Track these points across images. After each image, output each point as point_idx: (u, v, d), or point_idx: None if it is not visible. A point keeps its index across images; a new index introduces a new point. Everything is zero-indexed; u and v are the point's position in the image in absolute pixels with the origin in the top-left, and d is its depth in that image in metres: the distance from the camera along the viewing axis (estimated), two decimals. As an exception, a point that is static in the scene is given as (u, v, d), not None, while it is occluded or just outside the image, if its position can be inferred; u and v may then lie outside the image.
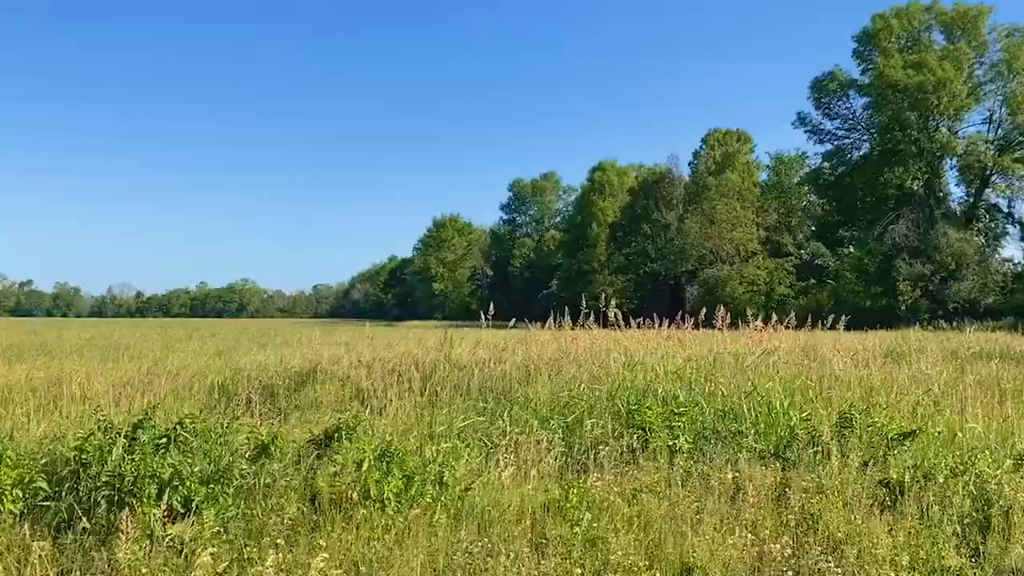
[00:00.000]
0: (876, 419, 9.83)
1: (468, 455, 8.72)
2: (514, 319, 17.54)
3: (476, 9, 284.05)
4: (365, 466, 7.47)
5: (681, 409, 10.18)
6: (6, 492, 6.48)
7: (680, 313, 16.54)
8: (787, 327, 15.71)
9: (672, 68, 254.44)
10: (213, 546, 5.78)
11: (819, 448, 9.30)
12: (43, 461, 7.11)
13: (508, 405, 11.28)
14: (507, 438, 9.48)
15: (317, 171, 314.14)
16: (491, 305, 13.96)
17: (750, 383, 11.66)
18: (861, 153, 78.06)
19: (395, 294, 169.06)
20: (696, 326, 15.88)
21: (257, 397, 12.37)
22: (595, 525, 7.11)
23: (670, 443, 9.48)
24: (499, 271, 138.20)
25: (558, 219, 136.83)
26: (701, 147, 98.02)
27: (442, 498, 7.53)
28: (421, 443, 8.67)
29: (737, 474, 8.58)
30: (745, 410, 10.76)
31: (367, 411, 10.79)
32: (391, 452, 7.72)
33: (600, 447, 9.50)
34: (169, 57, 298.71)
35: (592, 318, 15.40)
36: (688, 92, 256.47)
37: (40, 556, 5.68)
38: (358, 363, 14.77)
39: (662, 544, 6.84)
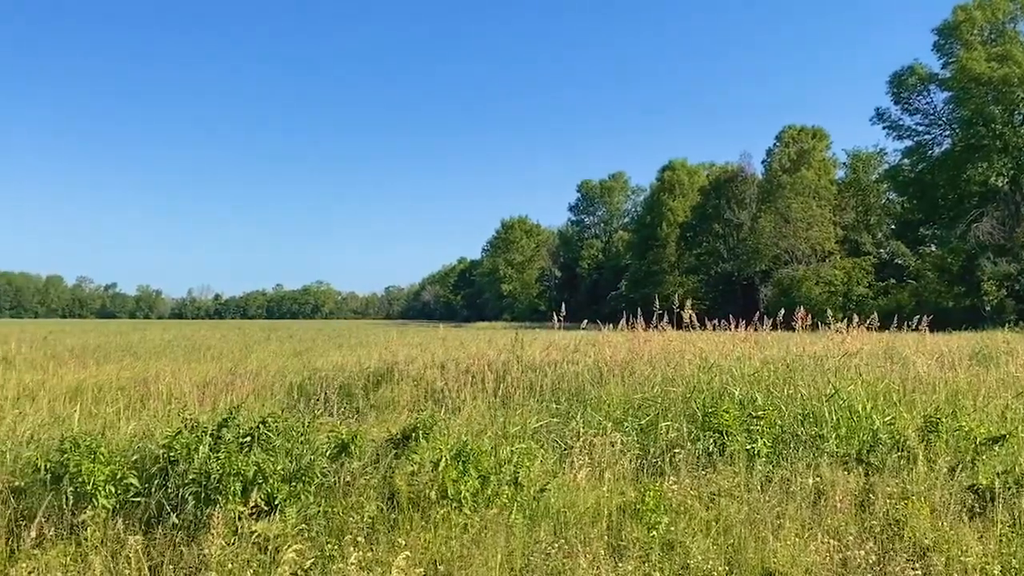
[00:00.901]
0: (963, 423, 9.50)
1: (542, 456, 8.72)
2: (586, 320, 17.44)
3: (545, 11, 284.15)
4: (442, 465, 7.55)
5: (759, 412, 9.99)
6: (100, 488, 6.71)
7: (759, 314, 16.23)
8: (869, 328, 15.30)
9: (743, 66, 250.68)
10: (297, 543, 5.90)
11: (904, 453, 9.04)
12: (134, 458, 7.34)
13: (581, 406, 11.25)
14: (581, 439, 9.45)
15: (389, 174, 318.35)
16: (563, 306, 13.91)
17: (831, 386, 11.39)
18: (942, 149, 75.20)
19: (464, 295, 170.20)
20: (775, 327, 15.58)
21: (335, 397, 12.63)
22: (673, 529, 7.05)
23: (748, 447, 9.32)
24: (567, 272, 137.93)
25: (626, 219, 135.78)
26: (775, 144, 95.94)
27: (518, 498, 7.54)
28: (496, 443, 8.71)
29: (818, 479, 8.40)
30: (826, 413, 10.52)
31: (442, 411, 10.89)
32: (467, 452, 7.77)
33: (676, 450, 9.39)
34: (246, 63, 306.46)
35: (666, 319, 15.23)
36: (760, 89, 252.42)
37: (136, 550, 5.88)
38: (431, 364, 14.93)
39: (742, 549, 6.73)
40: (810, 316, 14.80)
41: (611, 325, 16.29)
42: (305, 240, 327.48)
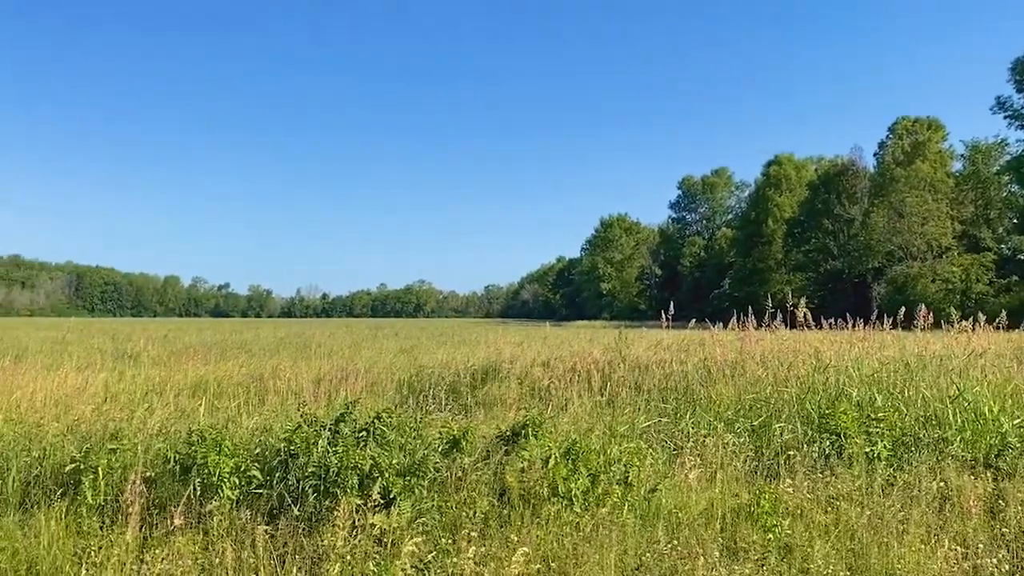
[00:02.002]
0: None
1: (652, 456, 8.63)
2: (693, 319, 17.16)
3: (647, 14, 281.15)
4: (551, 463, 7.56)
5: (879, 414, 9.63)
6: (225, 479, 6.99)
7: (877, 312, 15.63)
8: (996, 327, 14.53)
9: (853, 56, 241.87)
10: (413, 536, 6.00)
11: (1037, 458, 8.56)
12: (256, 451, 7.61)
13: (690, 406, 11.08)
14: (691, 440, 9.30)
15: (489, 175, 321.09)
16: (671, 305, 13.70)
17: (954, 387, 10.88)
18: (1070, 138, 70.86)
19: (563, 294, 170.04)
20: (895, 326, 14.96)
21: (441, 393, 12.81)
22: (791, 532, 6.87)
23: (867, 450, 9.00)
24: (668, 270, 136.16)
25: (730, 216, 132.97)
26: (887, 136, 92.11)
27: (628, 498, 7.50)
28: (604, 442, 8.66)
29: (943, 484, 8.04)
30: (950, 416, 10.06)
31: (548, 409, 10.90)
32: (576, 450, 7.76)
33: (790, 452, 9.16)
34: (354, 70, 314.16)
35: (779, 318, 14.83)
36: (871, 80, 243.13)
37: (264, 540, 6.09)
38: (536, 362, 14.96)
39: (864, 554, 6.51)
40: (931, 314, 14.13)
41: (720, 324, 15.95)
42: (408, 240, 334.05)
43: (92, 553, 6.00)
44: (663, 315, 13.72)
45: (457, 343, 29.91)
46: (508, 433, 8.28)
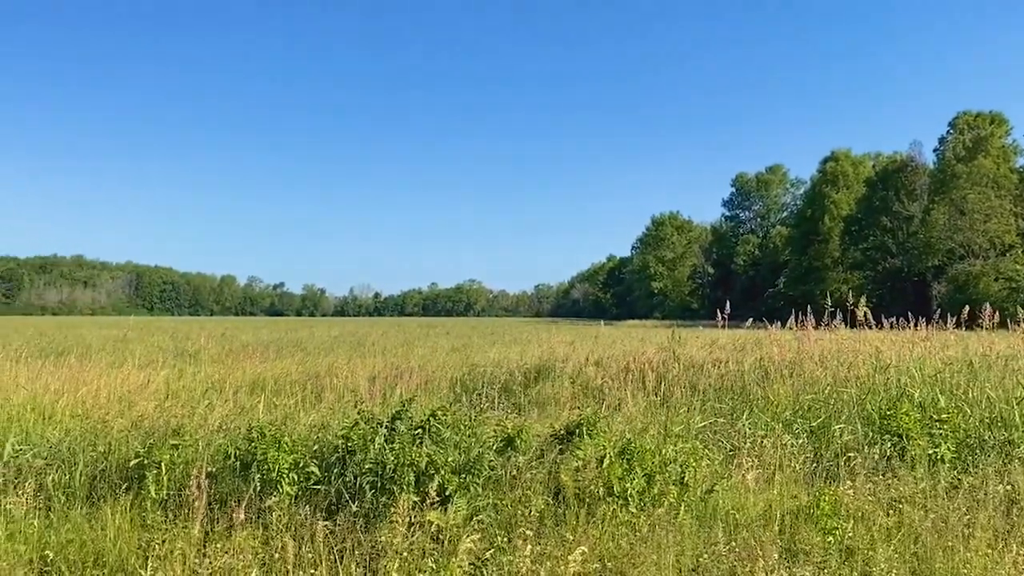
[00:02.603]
0: None
1: (708, 456, 8.53)
2: (751, 319, 16.92)
3: (702, 12, 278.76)
4: (606, 463, 7.52)
5: (942, 416, 9.40)
6: (284, 475, 7.09)
7: (939, 312, 15.24)
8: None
9: (911, 50, 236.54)
10: (470, 533, 6.01)
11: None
12: (314, 448, 7.71)
13: (746, 407, 10.94)
14: (749, 440, 9.18)
15: (540, 174, 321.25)
16: (727, 304, 13.51)
17: (1021, 388, 10.56)
18: None
19: (614, 293, 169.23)
20: (957, 325, 14.58)
21: (494, 392, 12.84)
22: (852, 535, 6.73)
23: (930, 452, 8.79)
24: (720, 269, 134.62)
25: (785, 214, 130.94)
26: (948, 132, 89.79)
27: (685, 498, 7.42)
28: (659, 442, 8.59)
29: (1010, 487, 7.82)
30: (1016, 417, 9.77)
31: (602, 408, 10.85)
32: (631, 450, 7.70)
33: (850, 453, 8.99)
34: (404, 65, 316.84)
35: (839, 317, 14.56)
36: (931, 74, 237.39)
37: (324, 535, 6.17)
38: (588, 361, 14.91)
39: (929, 558, 6.35)
40: (996, 313, 13.73)
41: (778, 323, 15.70)
42: (458, 240, 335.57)
43: (156, 546, 6.13)
44: (718, 314, 13.54)
45: (508, 342, 29.96)
46: (562, 432, 8.26)
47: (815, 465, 9.03)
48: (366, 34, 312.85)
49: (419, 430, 7.69)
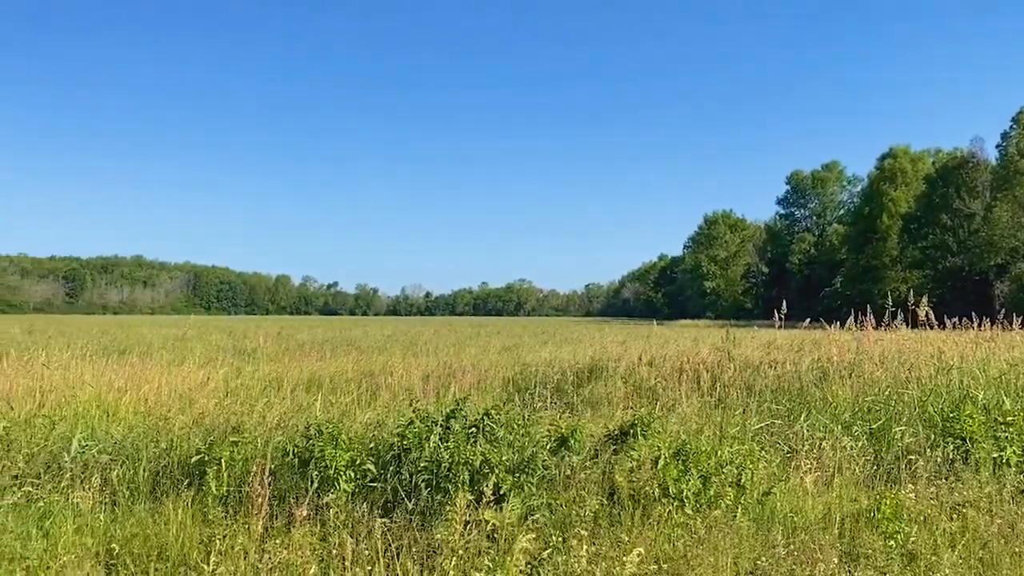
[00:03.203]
0: None
1: (765, 458, 8.41)
2: (808, 319, 16.63)
3: (752, 6, 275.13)
4: (661, 463, 7.46)
5: (1007, 418, 9.14)
6: (341, 472, 7.18)
7: (1003, 311, 14.82)
8: None
9: (973, 43, 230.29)
10: (525, 532, 6.01)
11: None
12: (370, 446, 7.79)
13: (804, 408, 10.76)
14: (807, 443, 9.03)
15: (590, 172, 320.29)
16: (780, 304, 13.30)
17: (1092, 391, 10.23)
18: None
19: (665, 293, 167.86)
20: None
21: (546, 391, 12.83)
22: (914, 539, 6.58)
23: (995, 455, 8.56)
24: (775, 268, 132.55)
25: (841, 212, 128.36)
26: (1011, 127, 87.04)
27: (741, 500, 7.34)
28: (715, 444, 8.50)
29: (1081, 493, 7.57)
30: (1087, 421, 9.44)
31: (655, 409, 10.77)
32: (686, 451, 7.63)
33: (912, 456, 8.79)
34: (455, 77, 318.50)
35: (899, 317, 14.24)
36: (992, 67, 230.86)
37: (382, 532, 6.23)
38: (641, 361, 14.81)
39: (995, 564, 6.20)
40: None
41: (837, 323, 15.40)
42: (508, 239, 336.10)
43: (217, 541, 6.25)
44: (775, 314, 13.34)
45: (559, 342, 29.92)
46: (616, 432, 8.22)
47: (875, 468, 8.86)
48: (425, 32, 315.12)
49: (473, 429, 7.72)
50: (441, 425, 7.67)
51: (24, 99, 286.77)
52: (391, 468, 7.41)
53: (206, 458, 7.52)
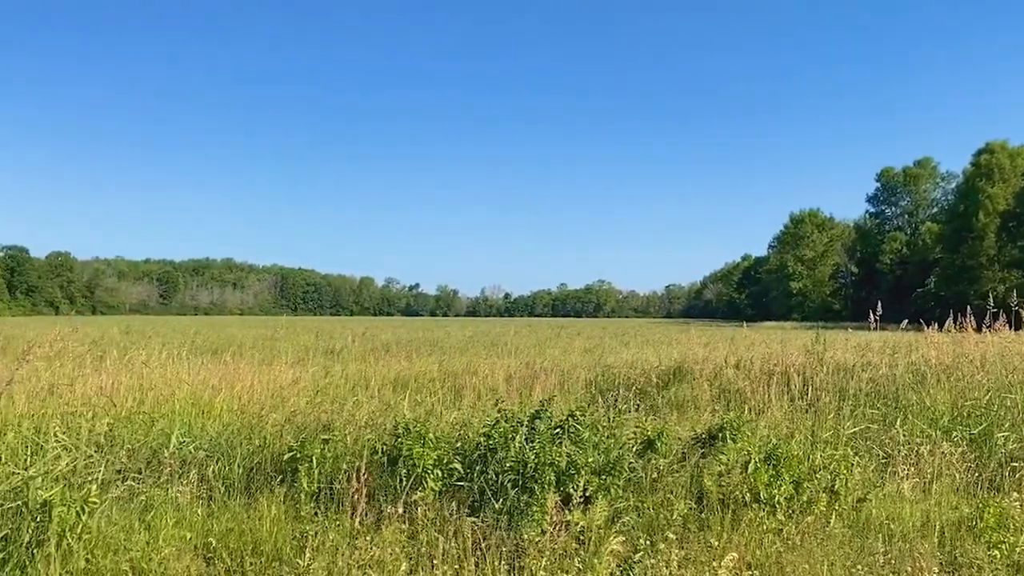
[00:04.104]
0: None
1: (861, 464, 8.16)
2: (905, 320, 16.08)
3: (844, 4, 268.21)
4: (751, 468, 7.33)
5: (1124, 425, 8.67)
6: (429, 471, 7.26)
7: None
8: None
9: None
10: (613, 535, 5.98)
11: None
12: (456, 445, 7.85)
13: (899, 412, 10.40)
14: (903, 448, 8.73)
15: (671, 171, 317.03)
16: (875, 305, 12.87)
17: None
18: None
19: (749, 294, 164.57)
20: None
21: (628, 393, 12.71)
22: (1020, 550, 6.29)
23: (1111, 464, 8.12)
24: (865, 268, 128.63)
25: (935, 210, 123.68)
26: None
27: (835, 507, 7.15)
28: (807, 448, 8.29)
29: None
30: None
31: (744, 412, 10.57)
32: (777, 455, 7.49)
33: (1016, 463, 8.42)
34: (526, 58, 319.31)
35: (1001, 318, 13.65)
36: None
37: (474, 531, 6.28)
38: (728, 363, 14.56)
39: (1110, 579, 5.87)
40: None
41: (934, 325, 14.83)
42: (587, 240, 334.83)
43: (310, 537, 6.39)
44: (869, 314, 12.92)
45: (640, 343, 29.67)
46: (704, 435, 8.11)
47: (976, 475, 8.53)
48: (491, 33, 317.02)
49: (558, 430, 7.71)
50: (526, 425, 7.68)
51: (122, 111, 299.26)
52: (477, 468, 7.44)
53: (298, 455, 7.69)
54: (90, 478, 7.04)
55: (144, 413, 9.42)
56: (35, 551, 5.85)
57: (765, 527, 6.71)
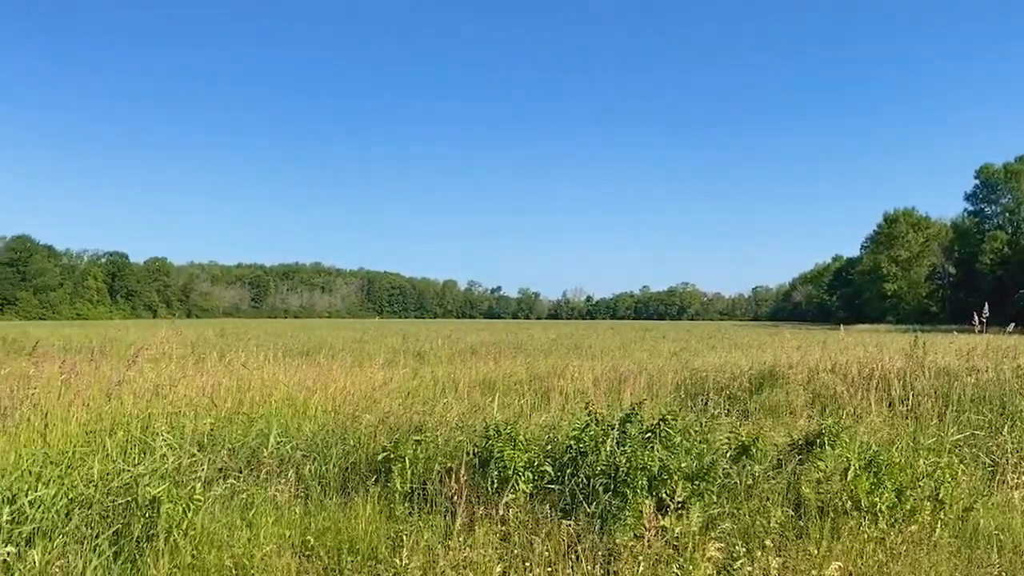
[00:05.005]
0: None
1: (967, 472, 7.84)
2: (1012, 323, 15.35)
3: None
4: (851, 475, 7.13)
5: None
6: (520, 473, 7.28)
7: None
8: None
9: None
10: (709, 541, 5.89)
11: None
12: (547, 447, 7.86)
13: (1007, 419, 9.95)
14: (1013, 456, 8.35)
15: (757, 171, 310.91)
16: (985, 307, 12.31)
17: None
18: None
19: (840, 295, 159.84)
20: None
21: (718, 398, 12.51)
22: None
23: None
24: (963, 269, 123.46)
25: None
26: None
27: (940, 516, 6.89)
28: (908, 456, 8.01)
29: None
30: None
31: (841, 418, 10.27)
32: (878, 462, 7.26)
33: None
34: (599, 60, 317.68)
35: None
36: None
37: (568, 534, 6.29)
38: (819, 367, 14.18)
39: None
40: None
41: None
42: (670, 241, 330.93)
43: (404, 537, 6.48)
44: (974, 317, 12.39)
45: (728, 346, 29.14)
46: (801, 441, 7.92)
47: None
48: (586, 44, 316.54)
49: (649, 434, 7.64)
50: (617, 429, 7.63)
51: (216, 123, 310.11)
52: (567, 471, 7.44)
53: (391, 456, 7.82)
54: (194, 476, 7.30)
55: (243, 414, 9.71)
56: (144, 546, 6.09)
57: (867, 536, 6.51)
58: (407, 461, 7.73)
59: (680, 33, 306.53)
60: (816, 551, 6.14)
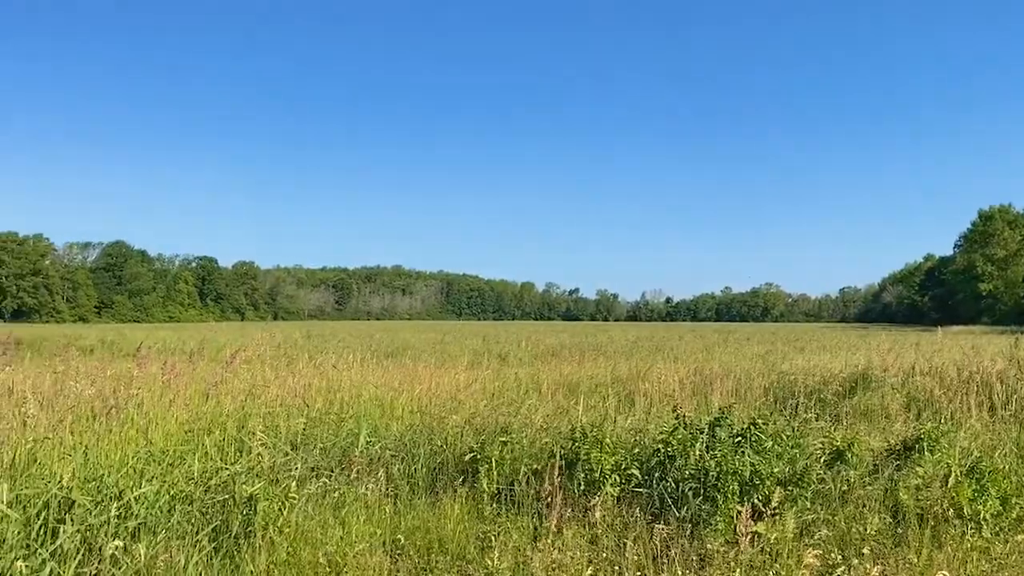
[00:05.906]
0: None
1: (1078, 481, 7.48)
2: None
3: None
4: (952, 482, 6.88)
5: None
6: (607, 476, 7.26)
7: None
8: None
9: None
10: (810, 548, 5.76)
11: None
12: (634, 451, 7.80)
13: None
14: None
15: (845, 168, 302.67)
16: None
17: None
18: None
19: (932, 296, 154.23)
20: None
21: (808, 401, 12.22)
22: None
23: None
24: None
25: None
26: None
27: (1050, 526, 6.59)
28: (1013, 462, 7.69)
29: None
30: None
31: (939, 422, 9.92)
32: (980, 469, 6.99)
33: None
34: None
35: None
36: None
37: (662, 538, 6.24)
38: (919, 370, 13.72)
39: None
40: None
41: None
42: (753, 241, 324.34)
43: (492, 538, 6.52)
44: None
45: (816, 349, 28.45)
46: (898, 447, 7.68)
47: None
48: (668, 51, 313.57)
49: (739, 438, 7.52)
50: (706, 433, 7.53)
51: (301, 135, 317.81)
52: (656, 474, 7.38)
53: (478, 456, 7.88)
54: (288, 475, 7.47)
55: (333, 414, 9.92)
56: (242, 542, 6.26)
57: (970, 545, 6.28)
58: (494, 462, 7.78)
59: (771, 29, 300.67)
60: (917, 559, 5.95)
